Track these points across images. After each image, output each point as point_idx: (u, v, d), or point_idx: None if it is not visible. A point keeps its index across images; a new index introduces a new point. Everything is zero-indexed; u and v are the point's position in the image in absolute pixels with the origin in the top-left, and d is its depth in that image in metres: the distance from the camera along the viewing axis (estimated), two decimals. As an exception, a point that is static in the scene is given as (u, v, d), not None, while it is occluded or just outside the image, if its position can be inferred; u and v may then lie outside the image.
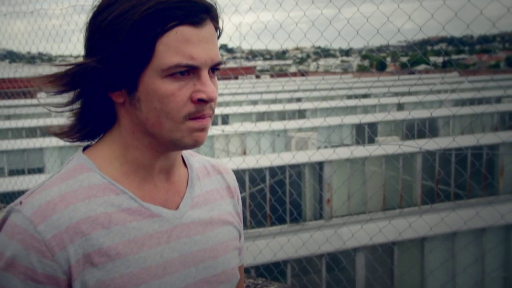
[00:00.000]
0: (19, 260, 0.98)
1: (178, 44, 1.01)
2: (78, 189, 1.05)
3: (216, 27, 1.09)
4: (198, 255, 1.14)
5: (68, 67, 1.08)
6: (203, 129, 1.07)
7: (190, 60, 1.02)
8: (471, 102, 21.60)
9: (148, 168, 1.12)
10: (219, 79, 1.13)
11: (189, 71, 1.04)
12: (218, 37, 1.11)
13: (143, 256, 1.06)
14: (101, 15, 1.05)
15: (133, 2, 1.02)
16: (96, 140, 1.17)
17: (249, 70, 47.72)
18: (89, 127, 1.15)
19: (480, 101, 21.83)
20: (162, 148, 1.10)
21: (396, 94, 23.02)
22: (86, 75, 1.05)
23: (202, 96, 1.04)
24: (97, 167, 1.09)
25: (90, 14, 1.08)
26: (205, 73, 1.04)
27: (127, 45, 1.01)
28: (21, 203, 1.03)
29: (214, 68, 1.08)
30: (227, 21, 1.11)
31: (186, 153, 1.25)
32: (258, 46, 5.23)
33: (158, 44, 1.01)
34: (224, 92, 23.29)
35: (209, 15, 1.06)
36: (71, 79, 1.07)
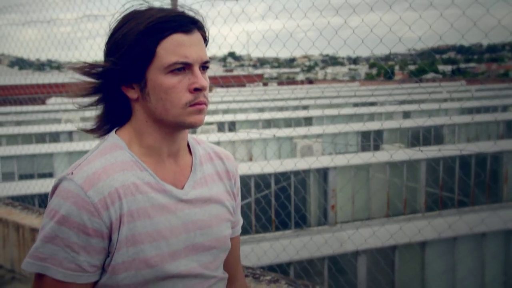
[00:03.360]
0: (73, 217, 1.30)
1: (174, 47, 1.35)
2: (115, 163, 1.38)
3: (203, 36, 1.43)
4: (197, 224, 1.46)
5: (92, 67, 1.42)
6: (200, 112, 1.40)
7: (185, 59, 1.36)
8: (478, 110, 21.75)
9: (159, 152, 1.44)
10: (226, 86, 1.40)
11: (184, 67, 1.37)
12: (206, 45, 1.44)
13: (156, 220, 1.39)
14: (115, 34, 1.40)
15: (138, 20, 1.37)
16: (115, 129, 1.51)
17: (255, 78, 47.84)
18: (110, 123, 1.49)
19: (486, 110, 21.96)
20: (169, 130, 1.43)
21: (402, 102, 23.16)
22: (106, 71, 1.40)
23: (196, 85, 1.37)
24: (127, 145, 1.43)
25: (107, 36, 1.42)
26: (196, 69, 1.38)
27: (135, 48, 1.36)
28: (72, 173, 1.34)
29: (204, 66, 1.42)
30: (239, 29, 1.42)
31: (193, 141, 1.57)
32: (266, 54, 5.41)
33: (159, 48, 1.35)
34: (231, 99, 23.51)
35: (196, 25, 1.40)
36: (96, 74, 1.42)
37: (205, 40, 1.45)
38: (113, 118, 1.49)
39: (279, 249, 6.78)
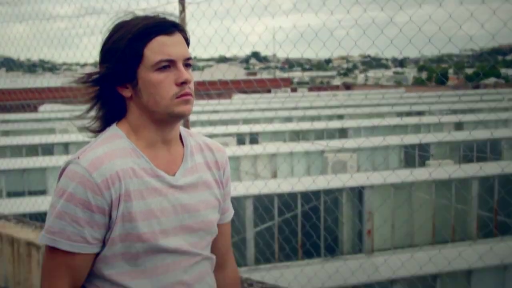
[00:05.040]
0: (79, 195, 1.77)
1: (159, 47, 1.83)
2: (116, 150, 1.85)
3: (184, 37, 1.92)
4: (185, 208, 1.91)
5: (89, 75, 1.90)
6: (187, 102, 1.87)
7: (168, 56, 1.83)
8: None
9: (154, 143, 1.90)
10: (248, 92, 1.76)
11: (169, 65, 1.84)
12: (188, 45, 1.93)
13: (149, 201, 1.85)
14: (107, 43, 1.88)
15: (126, 28, 1.84)
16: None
17: (283, 82, 48.08)
18: (108, 121, 1.95)
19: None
20: (162, 122, 1.88)
21: (455, 112, 23.20)
22: (103, 76, 1.87)
23: (181, 79, 1.84)
24: (126, 136, 1.90)
25: (101, 44, 1.90)
26: (180, 65, 1.85)
27: (126, 52, 1.82)
28: (78, 157, 1.82)
29: (187, 64, 1.88)
30: (263, 26, 1.85)
31: (185, 133, 2.03)
32: (296, 54, 5.59)
33: (146, 50, 1.83)
34: (254, 107, 23.76)
35: (177, 28, 1.89)
36: (94, 80, 1.89)
37: (187, 41, 1.93)
38: (110, 117, 1.94)
39: (304, 279, 7.05)
